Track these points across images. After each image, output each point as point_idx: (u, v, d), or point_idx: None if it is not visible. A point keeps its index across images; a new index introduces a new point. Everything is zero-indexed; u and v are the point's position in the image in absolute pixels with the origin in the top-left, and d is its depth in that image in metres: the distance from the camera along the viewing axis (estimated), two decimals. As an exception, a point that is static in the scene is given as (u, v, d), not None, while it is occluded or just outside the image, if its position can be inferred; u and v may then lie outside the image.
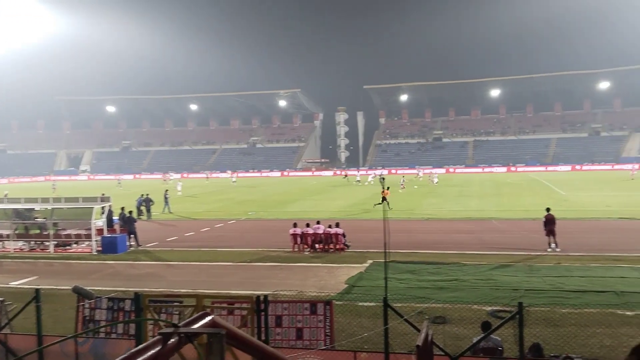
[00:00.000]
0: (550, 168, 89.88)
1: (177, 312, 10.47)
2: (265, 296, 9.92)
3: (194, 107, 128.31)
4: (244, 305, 10.34)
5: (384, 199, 36.13)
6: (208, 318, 2.37)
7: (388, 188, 38.09)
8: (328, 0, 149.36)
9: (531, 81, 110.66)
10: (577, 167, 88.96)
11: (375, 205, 36.39)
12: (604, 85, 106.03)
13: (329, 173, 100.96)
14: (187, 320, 2.39)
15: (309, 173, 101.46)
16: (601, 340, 11.18)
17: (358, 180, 66.93)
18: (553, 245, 21.17)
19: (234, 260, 21.04)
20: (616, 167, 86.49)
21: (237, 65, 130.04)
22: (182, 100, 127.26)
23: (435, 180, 61.51)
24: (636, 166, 69.67)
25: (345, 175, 72.95)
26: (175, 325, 2.24)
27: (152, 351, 2.09)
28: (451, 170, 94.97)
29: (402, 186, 52.63)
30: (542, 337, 10.94)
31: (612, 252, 20.21)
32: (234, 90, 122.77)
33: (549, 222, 21.39)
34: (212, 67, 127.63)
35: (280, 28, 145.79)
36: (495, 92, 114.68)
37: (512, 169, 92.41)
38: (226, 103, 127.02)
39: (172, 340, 2.19)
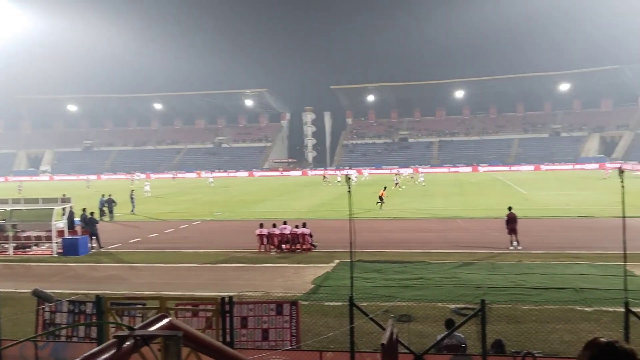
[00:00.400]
0: (513, 168, 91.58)
1: (139, 315, 10.31)
2: (230, 297, 9.83)
3: (158, 106, 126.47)
4: (209, 307, 10.23)
5: (380, 198, 36.55)
6: (165, 320, 2.33)
7: (385, 188, 38.39)
8: (294, 0, 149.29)
9: (494, 83, 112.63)
10: (541, 166, 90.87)
11: (377, 203, 36.74)
12: (564, 86, 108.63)
13: (297, 173, 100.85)
14: (144, 322, 2.34)
15: (277, 173, 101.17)
16: (561, 335, 11.43)
17: (339, 181, 66.87)
18: (515, 243, 21.59)
19: (198, 262, 20.83)
20: (577, 166, 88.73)
21: (202, 64, 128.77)
22: (146, 100, 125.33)
23: (421, 179, 62.20)
24: (610, 166, 71.22)
25: (324, 177, 72.14)
26: (130, 328, 2.19)
27: (106, 355, 2.03)
28: (422, 170, 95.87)
29: (396, 183, 54.55)
30: (504, 334, 11.13)
31: (571, 250, 20.73)
32: (199, 89, 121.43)
33: (511, 221, 21.80)
34: (177, 66, 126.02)
35: (246, 27, 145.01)
36: (459, 93, 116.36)
37: (478, 168, 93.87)
38: (191, 102, 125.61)
39: (128, 343, 2.14)
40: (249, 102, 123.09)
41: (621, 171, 9.49)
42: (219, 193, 55.85)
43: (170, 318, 2.35)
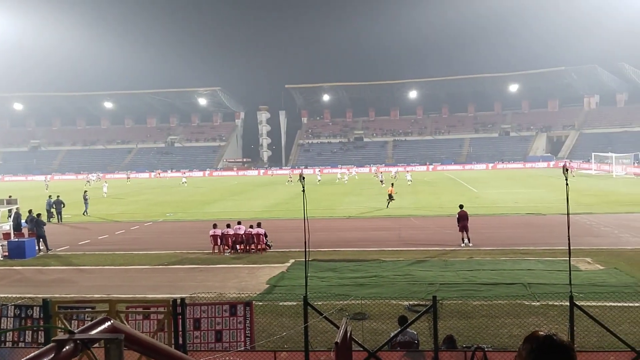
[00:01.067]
0: (467, 167, 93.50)
1: (89, 319, 10.05)
2: (183, 299, 9.70)
3: (108, 105, 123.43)
4: (161, 309, 10.07)
5: (390, 196, 36.50)
6: (107, 323, 2.26)
7: (393, 185, 38.37)
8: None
9: (446, 83, 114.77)
10: (492, 165, 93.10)
11: (388, 202, 36.41)
12: (513, 87, 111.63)
13: (254, 173, 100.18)
14: (85, 326, 2.27)
15: (234, 173, 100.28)
16: (510, 330, 11.72)
17: (319, 180, 67.00)
18: (466, 240, 22.05)
19: (150, 264, 20.45)
20: (527, 165, 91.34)
21: (154, 62, 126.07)
22: (95, 98, 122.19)
23: (408, 177, 62.68)
24: (574, 165, 73.29)
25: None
26: (70, 332, 2.12)
27: (45, 359, 1.96)
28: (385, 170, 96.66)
29: (380, 181, 56.54)
30: (455, 329, 11.35)
31: (520, 246, 21.31)
32: (151, 87, 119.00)
33: (462, 218, 22.26)
34: (128, 63, 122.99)
35: (200, 25, 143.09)
36: (413, 94, 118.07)
37: (434, 168, 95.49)
38: (142, 101, 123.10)
39: (68, 347, 2.07)
40: (202, 101, 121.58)
41: (565, 169, 9.80)
42: (171, 193, 54.97)
43: (113, 321, 2.29)
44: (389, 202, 35.91)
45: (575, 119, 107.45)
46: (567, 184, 9.85)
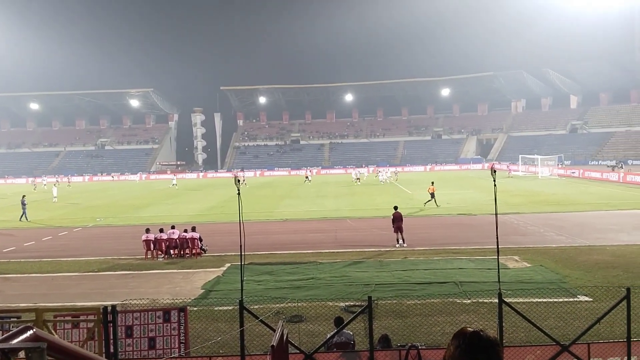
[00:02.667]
0: (406, 169, 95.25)
1: (14, 329, 9.55)
2: (114, 306, 9.40)
3: (34, 106, 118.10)
4: (91, 317, 9.71)
5: (432, 195, 36.05)
6: (29, 332, 2.16)
7: (433, 183, 37.92)
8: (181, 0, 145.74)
9: (381, 87, 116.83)
10: (429, 167, 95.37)
11: (428, 201, 36.12)
12: (444, 92, 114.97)
13: (193, 175, 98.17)
14: (5, 335, 2.16)
15: (171, 176, 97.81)
16: (443, 328, 12.03)
17: (307, 178, 67.50)
18: (401, 241, 22.47)
19: (80, 270, 19.69)
20: (463, 167, 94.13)
21: (83, 62, 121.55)
22: (21, 99, 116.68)
23: (389, 175, 64.50)
24: (513, 166, 75.80)
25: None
26: (-13, 343, 2.01)
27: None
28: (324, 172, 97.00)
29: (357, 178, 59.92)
30: (390, 329, 11.54)
31: (452, 246, 21.93)
32: (80, 88, 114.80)
33: (397, 219, 22.67)
34: (55, 63, 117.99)
35: (131, 24, 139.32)
36: (348, 97, 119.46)
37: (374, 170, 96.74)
38: (71, 102, 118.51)
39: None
40: (134, 102, 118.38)
41: (493, 171, 10.16)
42: (100, 197, 53.18)
43: (35, 329, 2.19)
44: (430, 201, 35.86)
45: (503, 123, 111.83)
46: (495, 185, 10.22)
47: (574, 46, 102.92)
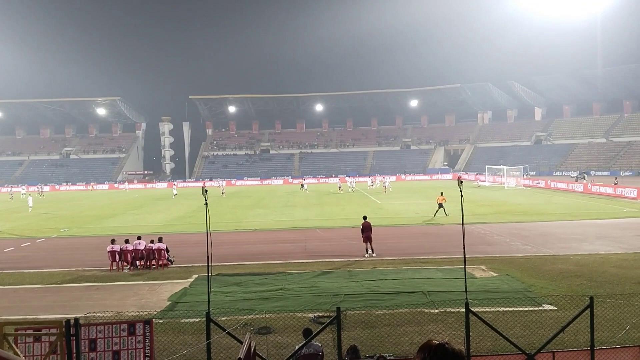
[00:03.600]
0: (379, 179, 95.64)
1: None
2: (77, 319, 9.16)
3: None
4: (53, 330, 9.44)
5: (440, 205, 35.62)
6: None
7: (442, 193, 37.61)
8: (150, 6, 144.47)
9: (351, 97, 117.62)
10: (406, 177, 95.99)
11: (437, 211, 35.64)
12: (413, 103, 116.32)
13: (163, 185, 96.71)
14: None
15: (142, 185, 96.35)
16: (411, 338, 12.05)
17: (303, 187, 67.48)
18: (370, 250, 22.52)
19: (42, 282, 19.16)
20: (434, 177, 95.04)
21: (48, 70, 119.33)
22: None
23: (387, 185, 63.95)
24: (481, 176, 76.91)
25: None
26: None
27: None
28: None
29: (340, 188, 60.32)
30: (359, 339, 11.51)
31: (420, 256, 22.05)
32: (44, 96, 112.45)
33: (366, 229, 22.72)
34: (19, 71, 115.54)
35: (98, 32, 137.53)
36: (318, 107, 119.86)
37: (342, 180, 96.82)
38: (35, 110, 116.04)
39: None
40: (100, 111, 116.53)
41: (460, 182, 10.27)
42: (66, 208, 52.05)
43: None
44: (438, 211, 35.45)
45: (470, 134, 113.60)
46: (461, 196, 10.32)
47: (538, 60, 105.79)
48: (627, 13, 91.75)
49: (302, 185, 68.67)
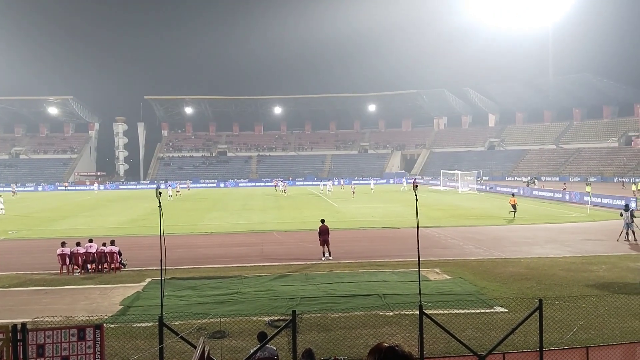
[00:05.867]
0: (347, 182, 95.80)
1: None
2: (24, 324, 8.85)
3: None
4: (-2, 336, 9.10)
5: (514, 206, 35.50)
6: None
7: (513, 195, 37.42)
8: (105, 3, 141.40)
9: (309, 101, 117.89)
10: (370, 182, 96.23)
11: (510, 212, 36.20)
12: (371, 107, 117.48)
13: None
14: None
15: (93, 187, 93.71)
16: (367, 340, 12.12)
17: (283, 191, 67.68)
18: (327, 254, 22.57)
19: (-13, 287, 18.46)
20: (397, 181, 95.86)
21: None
22: None
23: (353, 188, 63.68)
24: (410, 180, 78.29)
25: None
26: None
27: None
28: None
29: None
30: (314, 342, 11.50)
31: (376, 259, 22.24)
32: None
33: (323, 232, 22.77)
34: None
35: (50, 29, 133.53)
36: (277, 110, 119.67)
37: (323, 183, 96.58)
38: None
39: None
40: (52, 110, 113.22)
41: (415, 186, 10.41)
42: (14, 209, 50.31)
43: None
44: (513, 212, 36.15)
45: (426, 139, 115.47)
46: (416, 200, 10.45)
47: (493, 68, 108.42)
48: (577, 25, 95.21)
49: (276, 187, 69.48)
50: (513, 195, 39.32)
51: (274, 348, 10.11)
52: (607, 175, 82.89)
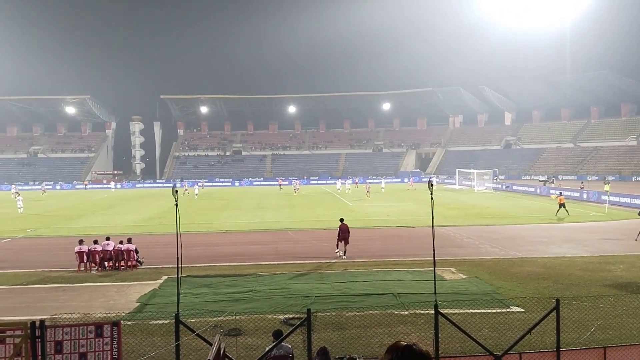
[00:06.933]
0: (361, 181, 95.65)
1: None
2: (42, 321, 8.97)
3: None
4: (17, 332, 9.23)
5: (562, 205, 35.66)
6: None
7: (561, 193, 37.63)
8: (122, 3, 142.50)
9: (323, 100, 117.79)
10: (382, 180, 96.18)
11: (558, 212, 36.25)
12: (385, 106, 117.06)
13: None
14: None
15: (110, 186, 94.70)
16: (381, 339, 12.12)
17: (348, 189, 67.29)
18: (341, 252, 22.58)
19: (7, 284, 18.73)
20: (405, 180, 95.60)
21: (16, 67, 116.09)
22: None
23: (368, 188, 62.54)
24: (414, 178, 78.47)
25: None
26: None
27: None
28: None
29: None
30: (329, 341, 11.53)
31: (391, 258, 22.20)
32: (11, 94, 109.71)
33: (343, 232, 22.77)
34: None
35: (67, 29, 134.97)
36: (291, 109, 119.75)
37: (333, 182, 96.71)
38: (2, 108, 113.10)
39: None
40: (69, 110, 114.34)
41: (431, 184, 10.38)
42: (33, 207, 50.94)
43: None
44: (560, 211, 36.04)
45: (441, 137, 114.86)
46: (432, 198, 10.42)
47: (509, 65, 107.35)
48: (595, 21, 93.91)
49: (284, 187, 69.59)
50: (560, 194, 38.99)
51: (289, 346, 10.15)
52: (625, 174, 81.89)
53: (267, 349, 9.73)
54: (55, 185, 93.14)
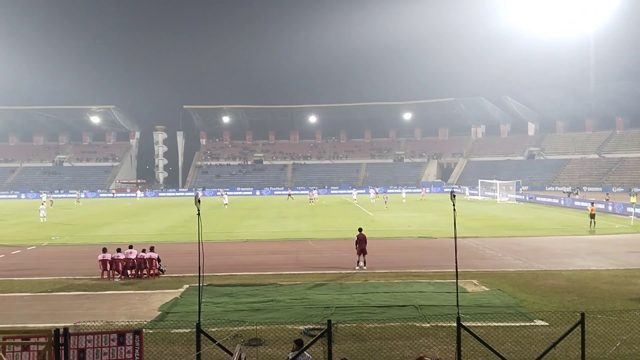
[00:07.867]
0: (381, 191, 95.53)
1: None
2: (66, 329, 9.09)
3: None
4: (41, 339, 9.36)
5: (592, 216, 35.56)
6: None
7: (592, 204, 37.60)
8: (146, 15, 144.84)
9: (344, 109, 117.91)
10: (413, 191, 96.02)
11: (591, 223, 35.66)
12: (407, 116, 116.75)
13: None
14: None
15: (135, 194, 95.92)
16: (402, 352, 12.00)
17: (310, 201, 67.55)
18: (361, 263, 22.48)
19: (32, 291, 19.01)
20: (428, 190, 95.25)
21: (43, 77, 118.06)
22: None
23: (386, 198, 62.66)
24: (427, 189, 78.42)
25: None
26: None
27: None
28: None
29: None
30: (349, 352, 11.46)
31: (412, 269, 22.02)
32: (38, 103, 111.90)
33: (361, 241, 22.69)
34: (13, 77, 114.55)
35: (93, 39, 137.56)
36: (312, 119, 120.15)
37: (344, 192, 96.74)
38: (29, 117, 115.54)
39: None
40: (94, 119, 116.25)
41: (453, 195, 10.30)
42: (57, 215, 51.74)
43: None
44: (593, 223, 35.59)
45: (463, 147, 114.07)
46: (454, 210, 10.34)
47: (532, 75, 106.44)
48: (620, 31, 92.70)
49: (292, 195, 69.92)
50: (592, 204, 38.27)
51: (310, 357, 10.12)
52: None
53: (290, 357, 9.71)
54: (80, 194, 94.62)
